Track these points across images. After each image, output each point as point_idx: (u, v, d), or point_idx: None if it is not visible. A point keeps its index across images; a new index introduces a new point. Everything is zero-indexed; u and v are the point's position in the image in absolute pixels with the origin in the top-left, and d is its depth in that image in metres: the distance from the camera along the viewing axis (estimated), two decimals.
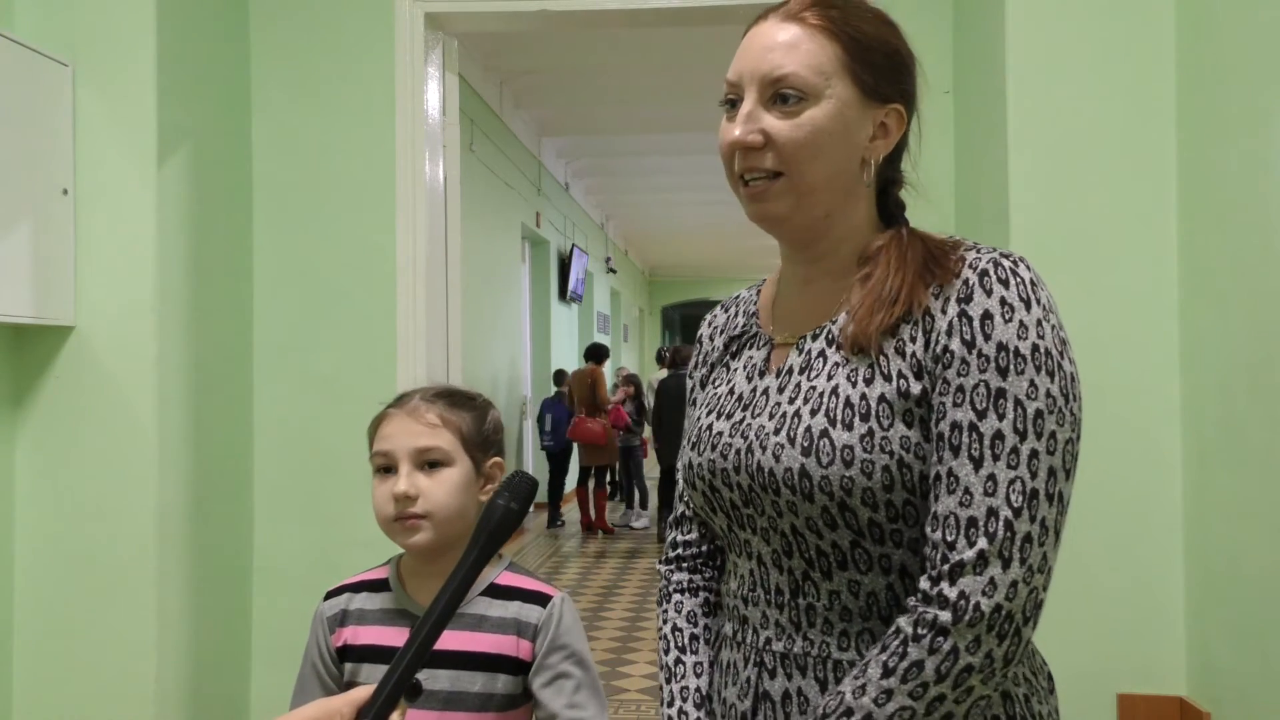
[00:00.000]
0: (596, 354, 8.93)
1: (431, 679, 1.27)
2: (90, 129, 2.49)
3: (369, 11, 2.93)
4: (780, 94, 0.97)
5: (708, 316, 1.24)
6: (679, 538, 1.20)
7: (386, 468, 1.32)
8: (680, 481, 1.15)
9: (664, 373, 8.77)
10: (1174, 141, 2.26)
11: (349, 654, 1.35)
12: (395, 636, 1.32)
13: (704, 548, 1.18)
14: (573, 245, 10.97)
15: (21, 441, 2.50)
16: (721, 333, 1.18)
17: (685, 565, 1.19)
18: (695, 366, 1.21)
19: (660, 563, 1.22)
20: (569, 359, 10.57)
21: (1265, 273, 1.90)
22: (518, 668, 1.31)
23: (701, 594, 1.16)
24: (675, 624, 1.15)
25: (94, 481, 2.49)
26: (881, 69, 0.99)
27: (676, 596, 1.17)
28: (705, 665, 1.12)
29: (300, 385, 2.91)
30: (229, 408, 2.83)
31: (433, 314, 3.00)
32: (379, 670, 1.26)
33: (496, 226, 7.83)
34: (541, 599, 1.34)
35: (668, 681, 1.13)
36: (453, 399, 1.37)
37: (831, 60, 0.97)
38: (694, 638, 1.14)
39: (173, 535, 2.54)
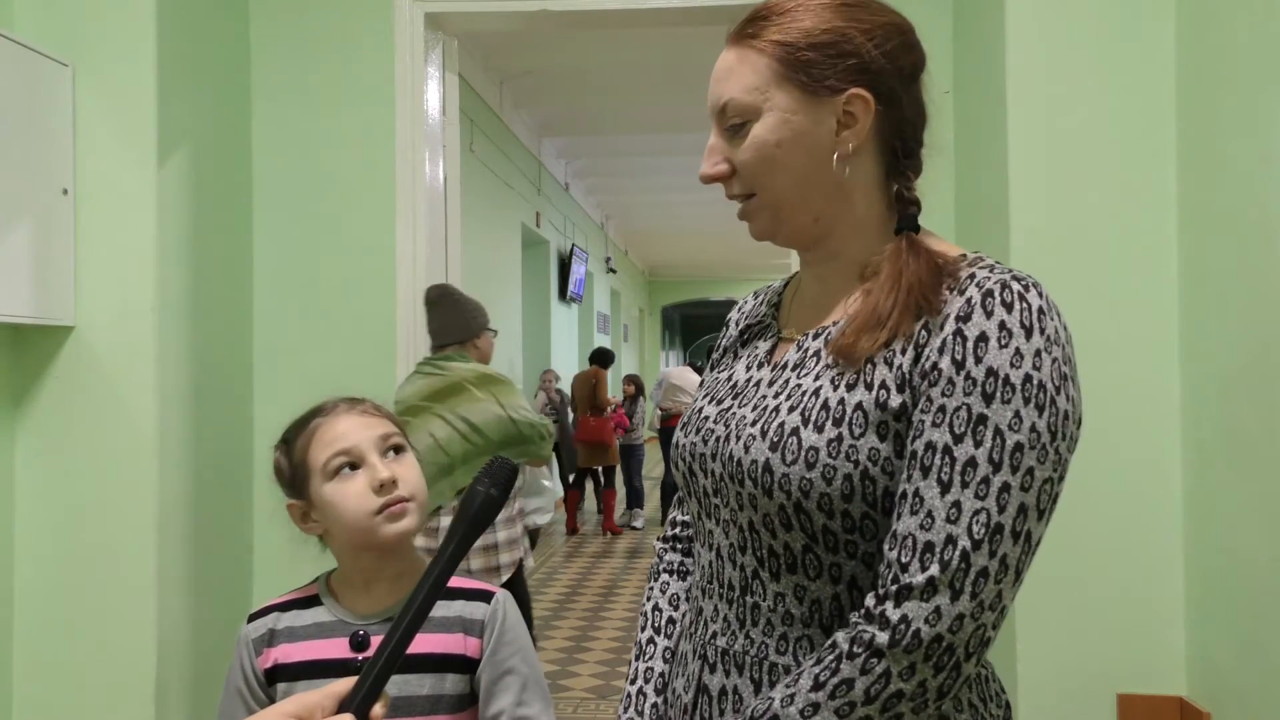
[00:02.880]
0: (601, 358, 9.08)
1: None
2: (90, 129, 2.49)
3: (369, 11, 2.93)
4: (730, 121, 0.99)
5: (739, 302, 1.24)
6: (679, 517, 1.21)
7: (350, 465, 1.27)
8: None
9: None
10: (1174, 141, 2.26)
11: (280, 674, 1.29)
12: (331, 649, 1.28)
13: None
14: (573, 245, 10.97)
15: (21, 441, 2.50)
16: (744, 319, 1.18)
17: (680, 547, 1.19)
18: (716, 349, 1.21)
19: (658, 540, 1.22)
20: (569, 360, 10.58)
21: (1265, 273, 1.90)
22: (465, 666, 1.27)
23: (689, 578, 1.17)
24: (657, 603, 1.16)
25: (94, 481, 2.49)
26: (815, 62, 0.96)
27: (664, 576, 1.18)
28: (674, 652, 1.12)
29: (300, 385, 2.91)
30: (229, 408, 2.83)
31: None
32: (315, 686, 1.23)
33: (496, 226, 7.83)
34: (484, 595, 1.31)
35: (635, 659, 1.13)
36: (367, 401, 1.35)
37: (763, 74, 0.97)
38: (671, 620, 1.14)
39: (173, 535, 2.54)
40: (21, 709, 2.48)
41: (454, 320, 2.98)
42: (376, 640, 1.25)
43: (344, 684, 0.81)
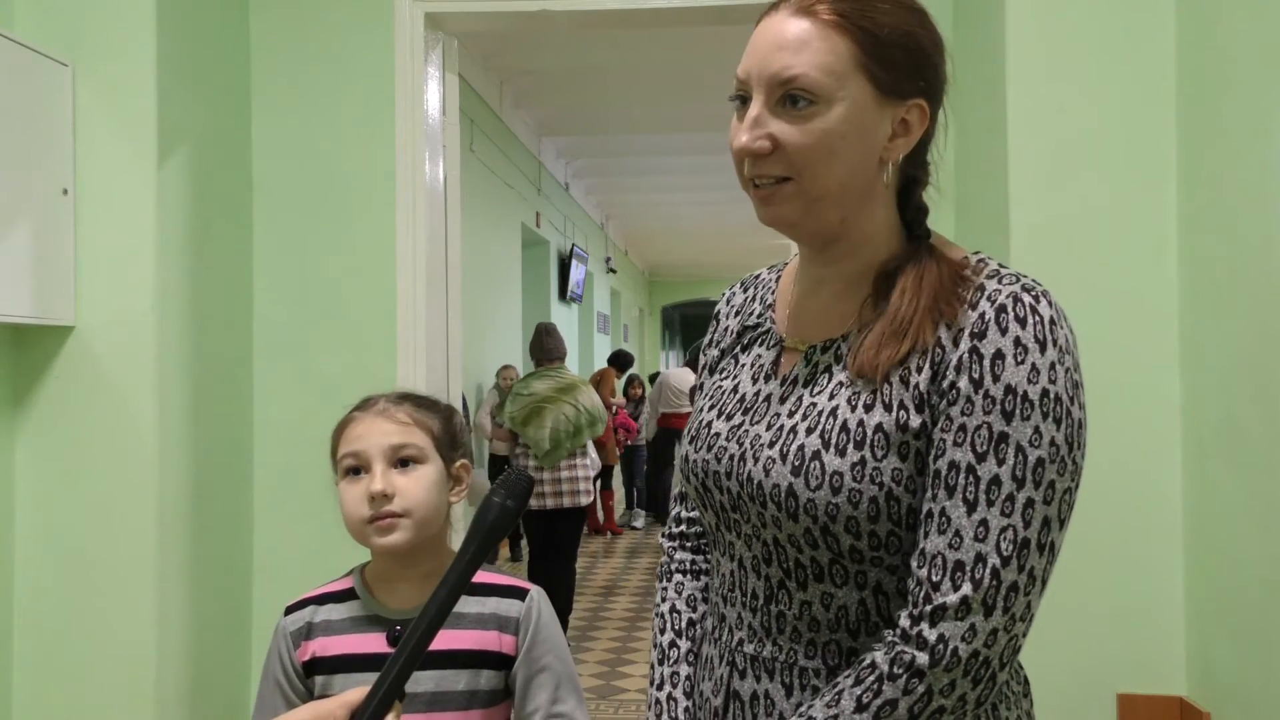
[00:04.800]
0: (616, 360, 9.15)
1: (414, 681, 1.26)
2: (90, 129, 2.49)
3: (369, 11, 2.92)
4: (789, 96, 0.92)
5: (726, 293, 1.20)
6: (683, 513, 1.19)
7: (356, 469, 1.29)
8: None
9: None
10: (1174, 141, 2.26)
11: (319, 667, 1.32)
12: (367, 644, 1.30)
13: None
14: (573, 245, 10.97)
15: (21, 441, 2.50)
16: (737, 315, 1.15)
17: (689, 544, 1.18)
18: (709, 344, 1.18)
19: (663, 536, 1.21)
20: (569, 360, 10.57)
21: (1265, 273, 1.90)
22: (501, 663, 1.30)
23: (703, 578, 1.16)
24: (675, 605, 1.15)
25: (94, 481, 2.48)
26: (900, 64, 0.93)
27: (679, 576, 1.16)
28: (697, 654, 1.12)
29: (300, 385, 2.91)
30: (229, 408, 2.83)
31: (433, 314, 3.00)
32: (353, 680, 1.24)
33: (496, 226, 7.82)
34: (519, 593, 1.33)
35: (660, 662, 1.12)
36: (419, 400, 1.36)
37: (844, 59, 0.91)
38: (691, 623, 1.13)
39: (173, 535, 2.54)
40: (21, 709, 2.48)
41: (558, 345, 5.28)
42: None
43: (356, 694, 0.82)
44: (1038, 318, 0.89)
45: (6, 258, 2.26)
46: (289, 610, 1.36)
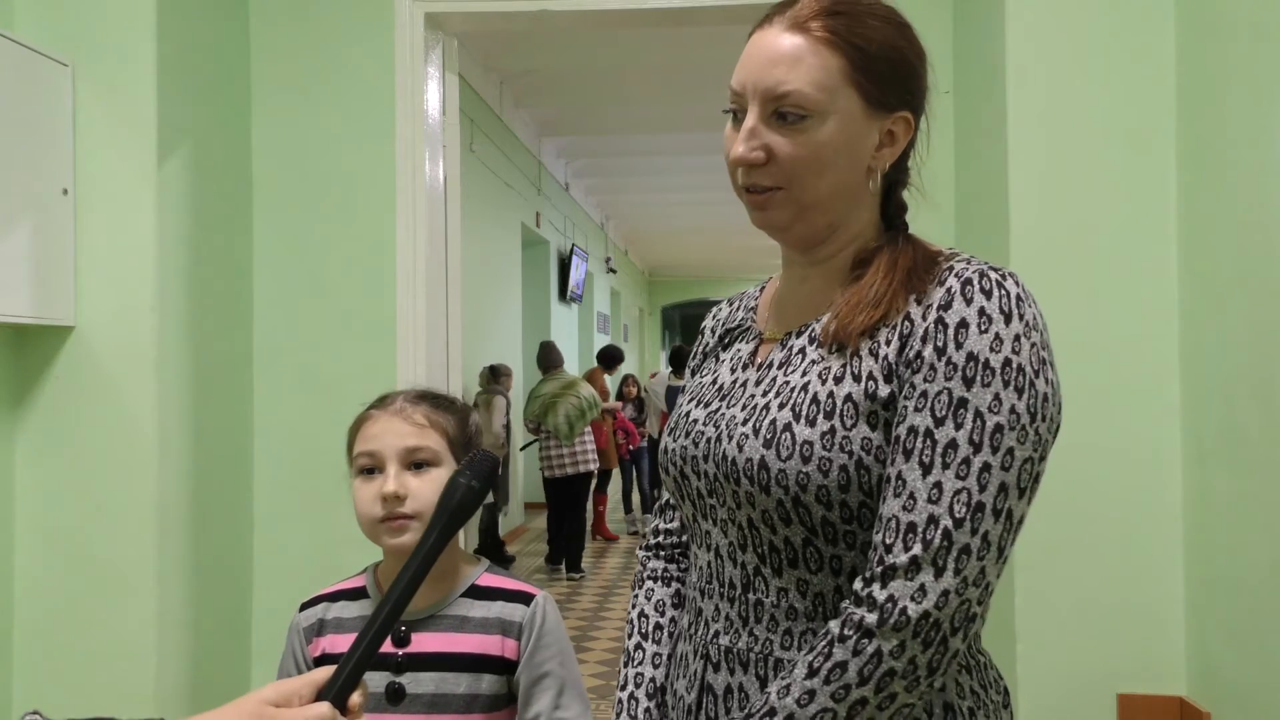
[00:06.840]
0: (602, 356, 9.14)
1: (415, 682, 1.27)
2: (90, 129, 2.49)
3: (369, 12, 2.92)
4: (782, 110, 0.96)
5: (713, 310, 1.25)
6: (661, 525, 1.22)
7: (371, 469, 1.31)
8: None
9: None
10: (1174, 142, 2.26)
11: (327, 663, 1.34)
12: None
13: (684, 537, 1.19)
14: (573, 245, 10.97)
15: (21, 441, 2.50)
16: (722, 325, 1.19)
17: (663, 553, 1.20)
18: (693, 357, 1.22)
19: (640, 548, 1.23)
20: (569, 360, 10.58)
21: (1265, 273, 1.90)
22: (503, 667, 1.30)
23: (674, 584, 1.18)
24: (643, 610, 1.17)
25: (94, 481, 2.48)
26: (887, 78, 0.97)
27: (649, 583, 1.18)
28: (664, 656, 1.13)
29: (300, 385, 2.91)
30: (229, 408, 2.83)
31: (433, 314, 3.00)
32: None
33: (496, 226, 7.83)
34: (524, 597, 1.34)
35: (625, 665, 1.14)
36: (436, 400, 1.37)
37: (835, 74, 0.95)
38: (658, 626, 1.15)
39: (173, 535, 2.54)
40: (22, 709, 2.48)
41: (558, 356, 7.29)
42: (417, 636, 1.30)
43: (323, 673, 0.83)
44: (1004, 292, 0.91)
45: (6, 258, 2.26)
46: (303, 607, 1.38)
